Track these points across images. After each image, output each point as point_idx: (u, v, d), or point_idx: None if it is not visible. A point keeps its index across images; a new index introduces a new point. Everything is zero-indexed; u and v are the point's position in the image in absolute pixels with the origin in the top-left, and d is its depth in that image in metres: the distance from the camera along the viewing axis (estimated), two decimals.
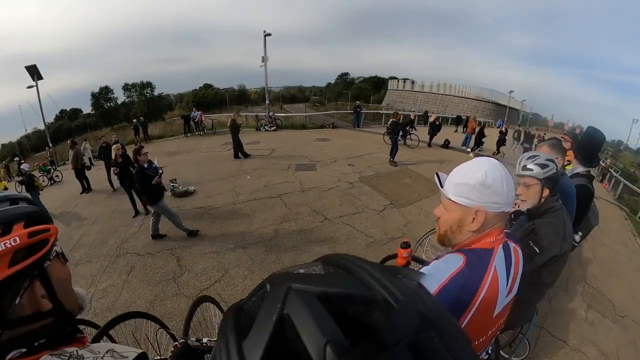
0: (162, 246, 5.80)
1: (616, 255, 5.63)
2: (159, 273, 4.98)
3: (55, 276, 0.81)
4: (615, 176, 13.31)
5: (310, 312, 0.28)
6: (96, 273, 5.15)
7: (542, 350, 3.34)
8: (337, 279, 0.34)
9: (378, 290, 0.30)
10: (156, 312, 3.70)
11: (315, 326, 0.27)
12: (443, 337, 0.29)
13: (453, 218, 1.22)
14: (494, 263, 1.16)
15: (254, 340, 0.28)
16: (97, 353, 0.82)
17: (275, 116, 21.12)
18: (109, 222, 7.32)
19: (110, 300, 4.41)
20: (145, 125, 19.80)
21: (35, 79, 20.12)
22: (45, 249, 0.77)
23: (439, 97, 39.39)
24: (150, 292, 4.53)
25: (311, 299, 0.29)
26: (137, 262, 5.35)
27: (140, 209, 7.47)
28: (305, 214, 6.78)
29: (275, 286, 0.32)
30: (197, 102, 41.90)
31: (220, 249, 5.55)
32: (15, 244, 0.70)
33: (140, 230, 6.64)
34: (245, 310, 0.33)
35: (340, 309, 0.29)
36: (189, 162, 12.26)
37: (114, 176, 7.68)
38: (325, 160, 11.35)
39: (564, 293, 4.21)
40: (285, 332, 0.28)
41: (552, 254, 1.91)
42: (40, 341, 0.77)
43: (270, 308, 0.30)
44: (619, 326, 3.76)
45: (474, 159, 1.23)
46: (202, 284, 4.58)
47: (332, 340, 0.25)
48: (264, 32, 19.67)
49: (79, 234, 6.86)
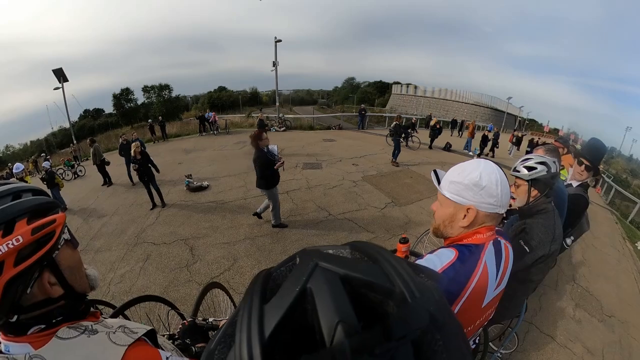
0: (176, 237, 5.84)
1: (605, 257, 5.55)
2: (173, 261, 5.03)
3: (65, 263, 0.81)
4: (607, 181, 13.08)
5: (330, 290, 0.29)
6: (115, 260, 5.22)
7: (530, 344, 3.32)
8: (361, 265, 0.33)
9: (397, 283, 0.30)
10: (169, 296, 3.74)
11: (332, 304, 0.27)
12: (446, 342, 0.29)
13: (446, 213, 1.24)
14: (484, 258, 1.18)
15: (276, 304, 0.29)
16: (110, 327, 0.86)
17: (285, 117, 21.15)
18: (127, 214, 7.39)
19: (128, 285, 4.47)
20: (164, 125, 19.91)
21: (61, 81, 20.30)
22: (52, 242, 0.76)
23: (440, 102, 39.12)
24: (165, 278, 4.58)
25: (334, 279, 0.30)
26: (153, 251, 5.41)
27: (157, 202, 7.52)
28: (311, 210, 6.79)
29: (304, 261, 0.33)
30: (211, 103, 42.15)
31: (230, 240, 5.59)
32: (18, 243, 0.69)
33: (157, 221, 6.69)
34: (273, 278, 0.34)
35: (359, 293, 0.30)
36: (203, 159, 12.28)
37: (134, 171, 7.75)
38: (331, 159, 11.35)
39: (553, 291, 4.17)
40: (304, 303, 0.29)
41: (541, 253, 1.90)
42: (58, 318, 0.80)
43: (296, 279, 0.31)
44: (606, 325, 3.72)
45: (475, 160, 1.24)
46: (212, 272, 4.62)
47: (344, 320, 0.26)
48: (275, 39, 19.67)
49: (100, 224, 6.93)
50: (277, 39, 19.65)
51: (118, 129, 33.23)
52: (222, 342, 0.32)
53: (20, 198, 0.75)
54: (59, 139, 33.10)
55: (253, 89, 52.84)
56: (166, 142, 18.51)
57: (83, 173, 13.21)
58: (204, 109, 29.12)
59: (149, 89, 44.99)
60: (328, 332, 0.25)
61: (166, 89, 45.78)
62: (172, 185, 8.85)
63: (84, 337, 0.80)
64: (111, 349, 0.80)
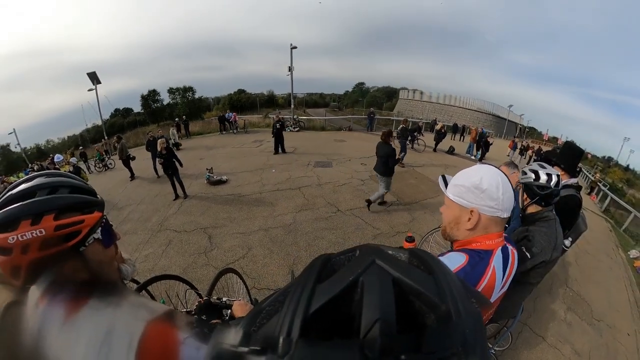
0: (196, 225, 5.91)
1: (598, 263, 5.38)
2: (192, 247, 5.09)
3: (92, 258, 0.82)
4: (603, 190, 12.64)
5: (380, 288, 0.28)
6: (140, 242, 5.32)
7: (522, 343, 3.27)
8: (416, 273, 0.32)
9: (447, 300, 0.29)
10: (188, 277, 3.77)
11: (378, 301, 0.27)
12: None
13: (452, 215, 1.23)
14: (492, 263, 1.16)
15: (327, 287, 0.29)
16: (133, 302, 0.87)
17: (299, 119, 21.17)
18: (152, 203, 7.50)
19: (150, 265, 4.56)
20: (187, 124, 20.14)
21: (94, 83, 20.75)
22: (77, 239, 0.77)
23: (445, 107, 38.66)
24: (184, 261, 4.65)
25: (386, 278, 0.30)
26: (174, 237, 5.48)
27: (180, 193, 7.61)
28: (321, 205, 6.79)
29: (363, 255, 0.33)
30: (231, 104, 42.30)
31: (245, 230, 5.62)
32: (40, 235, 0.71)
33: (179, 211, 6.76)
34: (331, 263, 0.34)
35: (406, 299, 0.29)
36: (223, 155, 12.37)
37: (159, 165, 7.87)
38: (341, 159, 11.32)
39: (547, 294, 4.08)
40: (353, 293, 0.29)
41: (542, 259, 1.86)
42: (81, 294, 0.80)
43: (351, 270, 0.31)
44: (594, 329, 3.63)
45: (477, 164, 1.23)
46: (228, 259, 4.66)
47: (384, 319, 0.26)
48: (291, 46, 19.67)
49: (127, 211, 7.06)
50: (292, 45, 19.66)
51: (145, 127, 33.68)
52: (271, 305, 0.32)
53: (55, 193, 0.76)
54: (92, 135, 33.74)
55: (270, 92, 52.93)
56: (189, 140, 18.70)
57: (113, 166, 13.42)
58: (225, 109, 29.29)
59: (174, 90, 45.62)
60: (366, 325, 0.25)
61: (190, 90, 46.36)
62: (194, 178, 8.93)
63: (110, 309, 0.82)
64: (135, 321, 0.80)
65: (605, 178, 26.10)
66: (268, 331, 0.28)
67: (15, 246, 0.70)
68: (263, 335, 0.28)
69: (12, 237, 0.70)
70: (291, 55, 19.77)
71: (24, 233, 0.70)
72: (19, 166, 28.23)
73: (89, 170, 13.20)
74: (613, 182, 28.08)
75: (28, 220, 0.71)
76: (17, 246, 0.70)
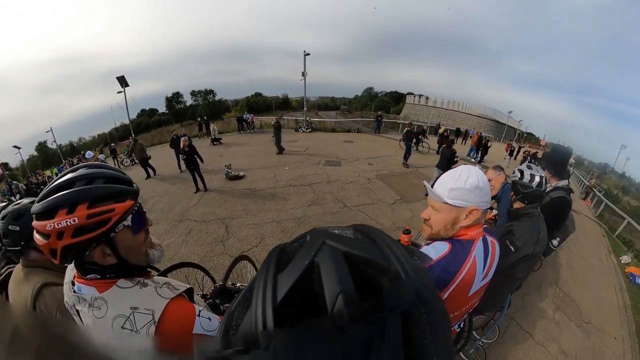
0: (215, 216, 5.99)
1: (590, 267, 5.15)
2: (210, 236, 5.16)
3: (121, 244, 0.84)
4: (598, 195, 11.99)
5: (334, 264, 0.29)
6: (162, 232, 5.41)
7: (509, 338, 3.16)
8: (363, 244, 0.33)
9: (393, 262, 0.30)
10: (205, 264, 3.83)
11: (335, 277, 0.28)
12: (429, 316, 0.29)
13: (448, 218, 1.19)
14: (474, 252, 1.17)
15: (288, 274, 0.30)
16: (157, 283, 0.91)
17: (311, 120, 21.12)
18: (175, 196, 7.62)
19: (171, 253, 4.62)
20: (208, 123, 20.36)
21: (123, 86, 21.04)
22: (107, 227, 0.78)
23: (448, 112, 38.06)
24: (203, 250, 4.71)
25: (338, 255, 0.30)
26: (194, 227, 5.56)
27: (200, 187, 7.71)
28: (329, 201, 6.79)
29: (314, 238, 0.34)
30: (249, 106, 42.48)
31: (259, 221, 5.67)
32: (74, 223, 0.73)
33: (199, 203, 6.86)
34: (286, 251, 0.35)
35: (359, 269, 0.30)
36: (241, 153, 12.46)
37: (182, 161, 7.99)
38: (349, 158, 11.27)
39: (536, 292, 3.93)
40: (312, 275, 0.29)
41: (525, 253, 1.84)
42: (111, 275, 0.86)
43: (306, 254, 0.31)
44: (582, 331, 3.45)
45: (460, 167, 1.22)
46: (243, 247, 4.71)
47: (344, 291, 0.26)
48: (304, 52, 19.63)
49: (151, 202, 7.19)
50: (306, 52, 19.62)
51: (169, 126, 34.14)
52: (241, 304, 0.32)
53: (91, 184, 0.79)
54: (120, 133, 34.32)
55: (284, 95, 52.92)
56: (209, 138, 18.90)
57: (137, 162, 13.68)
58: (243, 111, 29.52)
59: (196, 93, 45.96)
60: (330, 301, 0.26)
61: (210, 93, 46.61)
62: (214, 173, 9.00)
63: (137, 288, 0.86)
64: (157, 300, 0.85)
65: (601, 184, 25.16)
66: (245, 329, 0.29)
67: (52, 232, 0.73)
68: (242, 334, 0.29)
69: (49, 224, 0.73)
70: (304, 61, 19.76)
71: (59, 221, 0.73)
72: (54, 161, 28.97)
73: (118, 166, 13.44)
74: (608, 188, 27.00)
75: (65, 209, 0.74)
76: (54, 233, 0.73)
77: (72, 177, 0.79)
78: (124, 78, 21.10)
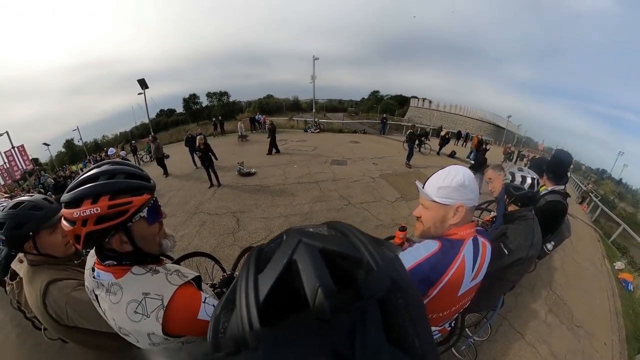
0: (227, 210, 6.04)
1: (583, 271, 4.95)
2: (222, 228, 5.21)
3: (137, 233, 0.87)
4: (594, 201, 11.55)
5: (312, 261, 0.29)
6: (177, 224, 5.48)
7: (501, 337, 3.06)
8: (336, 240, 0.34)
9: (364, 253, 0.31)
10: (216, 255, 3.86)
11: (313, 272, 0.28)
12: (406, 300, 0.29)
13: (437, 215, 1.19)
14: (463, 251, 1.15)
15: (268, 274, 0.30)
16: (168, 270, 0.94)
17: (319, 121, 21.11)
18: (190, 190, 7.68)
19: (185, 244, 4.67)
20: (222, 123, 20.54)
21: (143, 88, 21.25)
22: (125, 217, 0.83)
23: (450, 116, 37.49)
24: (215, 241, 4.76)
25: (314, 252, 0.30)
26: (207, 219, 5.62)
27: (215, 182, 7.77)
28: (334, 198, 6.78)
29: (290, 238, 0.34)
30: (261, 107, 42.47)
31: (269, 215, 5.71)
32: (97, 212, 0.78)
33: (213, 197, 6.92)
34: (264, 252, 0.35)
35: (335, 263, 0.30)
36: (252, 151, 12.50)
37: (197, 158, 8.09)
38: (355, 158, 11.22)
39: (529, 293, 3.80)
40: (291, 272, 0.29)
41: (518, 256, 1.78)
42: (126, 262, 0.90)
43: (283, 253, 0.31)
44: (573, 334, 3.32)
45: (448, 166, 1.22)
46: (252, 239, 4.74)
47: (323, 285, 0.27)
48: (314, 57, 19.53)
49: (168, 196, 7.30)
50: (315, 57, 19.56)
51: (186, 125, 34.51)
52: (225, 308, 0.32)
53: (113, 178, 0.83)
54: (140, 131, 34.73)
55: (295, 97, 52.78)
56: (224, 137, 19.07)
57: None
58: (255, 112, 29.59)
59: (211, 94, 46.24)
60: (311, 295, 0.26)
61: (225, 95, 46.83)
62: (227, 170, 9.06)
63: (149, 275, 0.90)
64: (166, 286, 0.89)
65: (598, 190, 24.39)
66: (232, 331, 0.29)
67: (77, 220, 0.79)
68: (230, 336, 0.29)
69: (76, 212, 0.78)
70: (314, 65, 19.69)
71: (84, 210, 0.78)
72: (80, 157, 29.63)
73: (138, 162, 13.60)
74: (605, 194, 26.14)
75: (89, 199, 0.79)
76: (79, 220, 0.79)
77: (97, 172, 0.83)
78: (144, 81, 21.33)
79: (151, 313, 0.83)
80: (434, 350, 0.32)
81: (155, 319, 0.82)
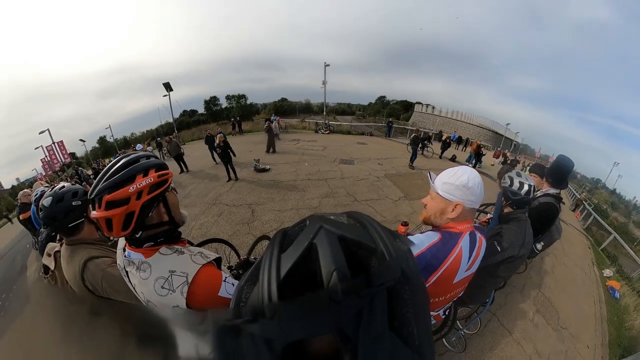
0: (243, 202, 6.11)
1: (573, 276, 4.79)
2: (238, 218, 5.27)
3: (171, 201, 0.97)
4: (587, 209, 11.18)
5: (330, 246, 0.30)
6: (197, 213, 5.57)
7: (489, 332, 3.01)
8: (354, 229, 0.34)
9: (379, 245, 0.31)
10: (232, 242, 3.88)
11: (330, 256, 0.29)
12: (412, 292, 0.30)
13: (437, 206, 1.23)
14: (460, 243, 1.18)
15: (289, 254, 0.31)
16: (192, 252, 0.98)
17: (330, 123, 21.05)
18: (210, 183, 7.79)
19: (204, 231, 4.77)
20: (240, 123, 20.71)
21: (168, 91, 21.49)
22: (166, 185, 0.93)
23: (452, 121, 36.81)
24: (231, 229, 4.83)
25: (333, 238, 0.31)
26: (225, 210, 5.69)
27: (232, 177, 7.85)
28: (342, 194, 6.79)
29: (312, 223, 0.34)
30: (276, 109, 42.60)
31: (281, 208, 5.75)
32: (150, 181, 0.87)
33: (231, 190, 6.99)
34: (288, 234, 0.35)
35: (351, 250, 0.31)
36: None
37: (216, 155, 8.20)
38: (362, 158, 11.16)
39: (519, 293, 3.71)
40: (311, 255, 0.30)
41: (510, 254, 1.78)
42: (161, 239, 0.94)
43: (305, 237, 0.32)
44: (558, 335, 3.23)
45: (459, 166, 1.24)
46: (265, 229, 4.79)
47: (339, 269, 0.27)
48: (325, 63, 19.48)
49: (190, 188, 7.42)
50: (326, 63, 19.49)
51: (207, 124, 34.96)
52: (249, 280, 0.33)
53: (149, 159, 0.93)
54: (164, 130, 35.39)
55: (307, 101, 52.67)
56: (242, 136, 19.19)
57: None
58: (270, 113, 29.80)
59: (230, 97, 46.37)
60: (326, 277, 0.27)
61: (243, 97, 46.90)
62: (244, 166, 9.11)
63: (175, 255, 0.94)
64: (191, 265, 0.92)
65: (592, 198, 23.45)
66: (253, 302, 0.30)
67: (132, 194, 0.84)
68: (250, 306, 0.30)
69: (132, 187, 0.84)
70: (325, 71, 19.63)
71: (140, 182, 0.85)
72: (111, 152, 30.98)
73: (163, 157, 13.79)
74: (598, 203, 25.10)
75: (141, 174, 0.87)
76: (134, 194, 0.85)
77: (135, 156, 0.91)
78: (169, 84, 21.65)
79: (177, 288, 0.86)
80: (429, 342, 0.33)
81: (180, 293, 0.86)
